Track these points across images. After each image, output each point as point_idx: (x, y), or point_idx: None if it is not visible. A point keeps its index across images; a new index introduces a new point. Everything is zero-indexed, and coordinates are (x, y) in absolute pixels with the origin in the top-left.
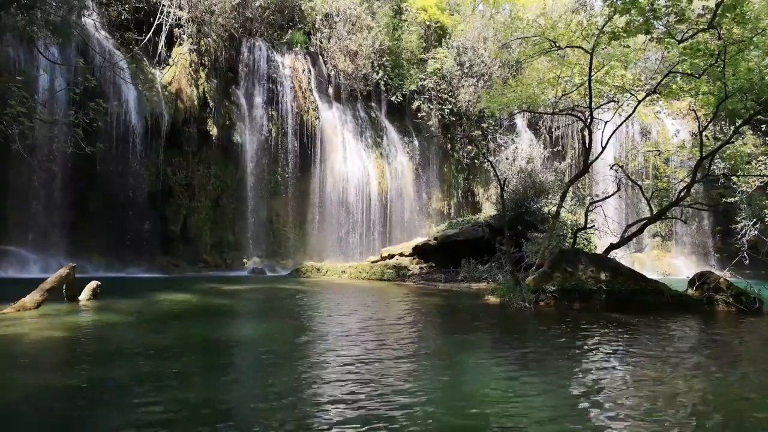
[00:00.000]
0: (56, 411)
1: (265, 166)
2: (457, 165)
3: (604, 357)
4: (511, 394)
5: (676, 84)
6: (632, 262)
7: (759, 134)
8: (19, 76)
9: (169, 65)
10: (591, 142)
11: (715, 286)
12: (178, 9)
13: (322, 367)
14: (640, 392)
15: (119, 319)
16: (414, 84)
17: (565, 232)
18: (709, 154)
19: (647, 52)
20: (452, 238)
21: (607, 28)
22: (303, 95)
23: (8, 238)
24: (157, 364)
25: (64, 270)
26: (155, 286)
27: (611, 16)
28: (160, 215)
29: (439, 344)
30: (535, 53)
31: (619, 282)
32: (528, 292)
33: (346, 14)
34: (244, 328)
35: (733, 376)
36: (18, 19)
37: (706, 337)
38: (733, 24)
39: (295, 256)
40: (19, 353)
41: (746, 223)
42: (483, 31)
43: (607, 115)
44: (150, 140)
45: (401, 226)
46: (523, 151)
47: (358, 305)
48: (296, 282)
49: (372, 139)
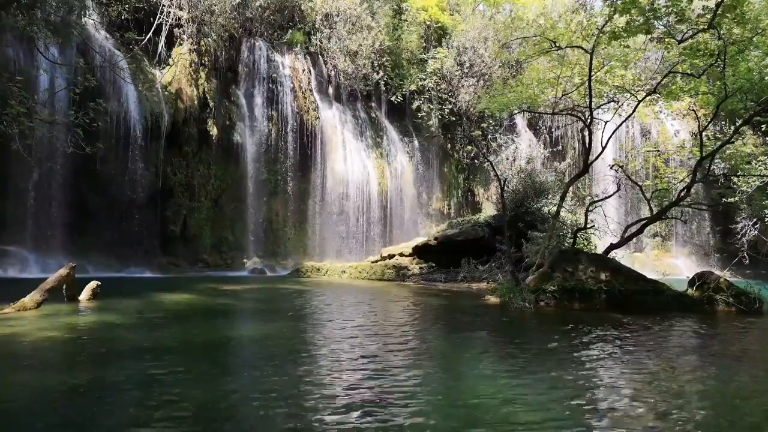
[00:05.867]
0: (56, 411)
1: (265, 166)
2: (457, 165)
3: (604, 357)
4: (511, 394)
5: (676, 84)
6: (632, 262)
7: (759, 134)
8: (19, 76)
9: (169, 65)
10: (591, 142)
11: (715, 286)
12: (178, 9)
13: (322, 368)
14: (640, 392)
15: (119, 319)
16: (414, 84)
17: (565, 232)
18: (709, 154)
19: (647, 52)
20: (452, 238)
21: (607, 27)
22: (303, 95)
23: (8, 238)
24: (156, 364)
25: (64, 270)
26: (155, 286)
27: (611, 16)
28: (160, 215)
29: (439, 344)
30: (535, 53)
31: (619, 282)
32: (528, 292)
33: (346, 14)
34: (245, 329)
35: (734, 376)
36: (18, 19)
37: (706, 337)
38: (733, 24)
39: (295, 256)
40: (19, 353)
41: (746, 223)
42: (483, 31)
43: (607, 115)
44: (150, 140)
45: (401, 226)
46: (523, 151)
47: (358, 305)
48: (296, 282)
49: (372, 139)
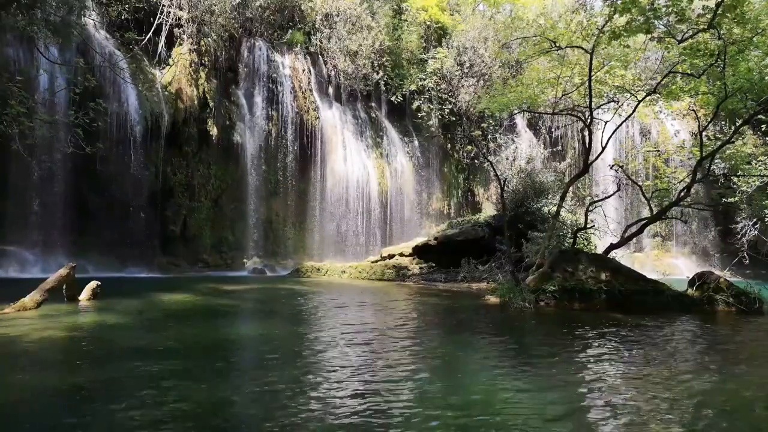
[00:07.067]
0: (56, 411)
1: (265, 166)
2: (457, 165)
3: (604, 357)
4: (511, 394)
5: (676, 84)
6: (632, 262)
7: (759, 134)
8: (19, 76)
9: (169, 65)
10: (591, 142)
11: (715, 286)
12: (178, 9)
13: (321, 368)
14: (640, 392)
15: (119, 319)
16: (414, 84)
17: (565, 232)
18: (709, 154)
19: (647, 52)
20: (452, 238)
21: (607, 27)
22: (303, 95)
23: (8, 238)
24: (157, 364)
25: (64, 270)
26: (155, 286)
27: (611, 15)
28: (160, 215)
29: (439, 344)
30: (535, 53)
31: (620, 282)
32: (528, 292)
33: (346, 14)
34: (245, 329)
35: (734, 376)
36: (18, 19)
37: (706, 337)
38: (733, 24)
39: (294, 256)
40: (19, 353)
41: (746, 223)
42: (483, 31)
43: (607, 115)
44: (150, 140)
45: (401, 226)
46: (523, 151)
47: (358, 305)
48: (296, 282)
49: (372, 139)
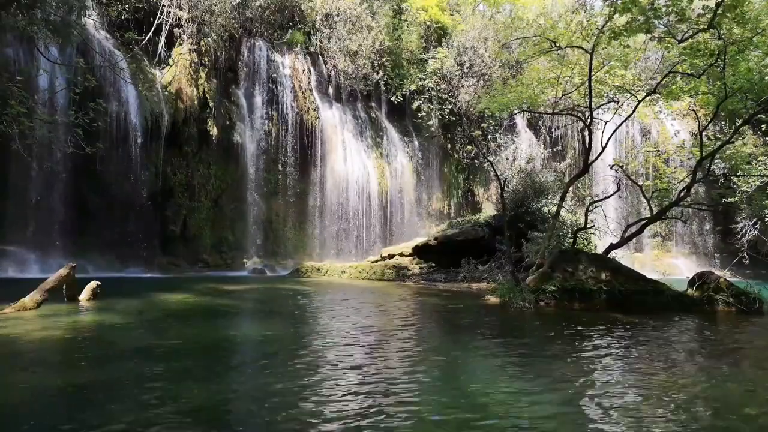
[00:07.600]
0: (56, 411)
1: (265, 166)
2: (457, 165)
3: (604, 357)
4: (510, 394)
5: (676, 84)
6: (632, 262)
7: (759, 134)
8: (19, 76)
9: (169, 65)
10: (591, 142)
11: (715, 286)
12: (178, 9)
13: (322, 368)
14: (640, 392)
15: (119, 319)
16: (414, 84)
17: (565, 232)
18: (709, 154)
19: (647, 52)
20: (452, 238)
21: (607, 27)
22: (303, 95)
23: (8, 238)
24: (157, 364)
25: (64, 270)
26: (155, 286)
27: (611, 15)
28: (160, 215)
29: (440, 344)
30: (535, 53)
31: (620, 282)
32: (528, 292)
33: (346, 14)
34: (245, 329)
35: (734, 376)
36: (18, 19)
37: (706, 337)
38: (733, 24)
39: (295, 256)
40: (19, 353)
41: (746, 223)
42: (483, 31)
43: (607, 115)
44: (150, 140)
45: (401, 226)
46: (523, 151)
47: (359, 305)
48: (296, 282)
49: (372, 139)
